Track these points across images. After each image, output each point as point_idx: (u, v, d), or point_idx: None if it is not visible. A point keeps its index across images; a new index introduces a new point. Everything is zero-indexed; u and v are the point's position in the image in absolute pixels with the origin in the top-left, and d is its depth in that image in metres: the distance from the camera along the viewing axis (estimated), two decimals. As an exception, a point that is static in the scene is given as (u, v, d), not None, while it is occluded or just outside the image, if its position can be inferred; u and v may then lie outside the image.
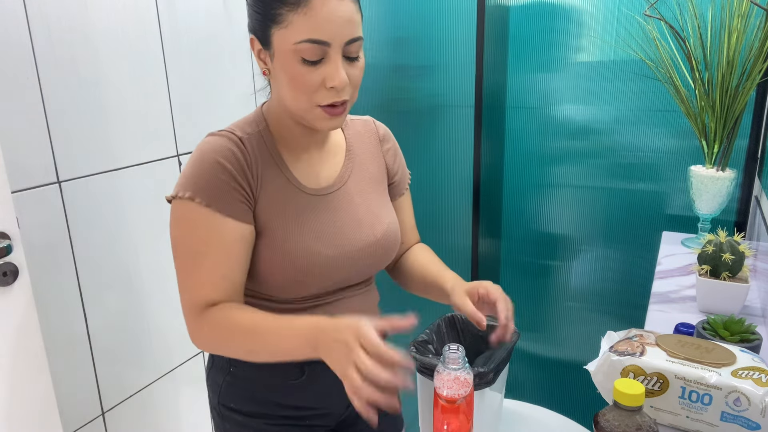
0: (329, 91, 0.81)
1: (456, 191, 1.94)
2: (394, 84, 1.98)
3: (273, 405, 0.95)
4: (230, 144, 0.85)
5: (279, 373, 0.93)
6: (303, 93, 0.82)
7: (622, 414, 0.66)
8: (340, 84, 0.80)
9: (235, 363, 0.95)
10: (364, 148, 1.01)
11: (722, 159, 1.37)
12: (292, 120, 0.89)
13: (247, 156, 0.86)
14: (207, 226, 0.83)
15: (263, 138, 0.89)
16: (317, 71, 0.80)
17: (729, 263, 1.04)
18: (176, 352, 1.75)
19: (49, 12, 1.31)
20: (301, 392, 0.95)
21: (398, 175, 1.05)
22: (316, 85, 0.81)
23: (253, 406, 0.96)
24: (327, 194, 0.92)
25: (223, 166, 0.83)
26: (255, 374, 0.94)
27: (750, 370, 0.75)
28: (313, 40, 0.78)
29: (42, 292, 1.33)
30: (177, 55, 1.65)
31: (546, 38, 1.72)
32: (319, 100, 0.82)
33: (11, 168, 1.23)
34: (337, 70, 0.80)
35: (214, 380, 0.99)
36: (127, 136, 1.53)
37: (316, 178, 0.92)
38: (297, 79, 0.81)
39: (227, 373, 0.96)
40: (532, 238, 1.90)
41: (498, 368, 1.02)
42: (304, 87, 0.81)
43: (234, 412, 0.96)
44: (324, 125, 0.85)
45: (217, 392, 0.98)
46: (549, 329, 1.93)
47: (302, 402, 0.96)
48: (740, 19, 1.28)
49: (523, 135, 1.83)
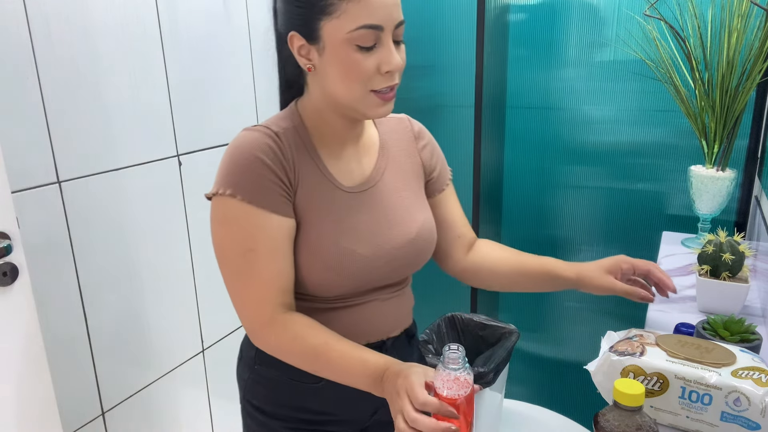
0: (384, 76, 0.81)
1: (456, 191, 1.94)
2: (394, 84, 1.98)
3: (292, 408, 0.95)
4: (267, 138, 0.84)
5: (299, 375, 0.91)
6: (358, 81, 0.81)
7: (622, 414, 0.66)
8: (397, 67, 0.80)
9: (260, 361, 0.94)
10: (399, 145, 0.99)
11: (722, 159, 1.37)
12: (336, 113, 0.88)
13: (284, 150, 0.85)
14: (252, 223, 0.82)
15: (299, 133, 0.88)
16: (372, 57, 0.80)
17: (729, 263, 1.04)
18: (176, 352, 1.75)
19: (49, 12, 1.31)
20: (320, 397, 0.94)
21: (436, 171, 1.03)
22: (372, 72, 0.80)
23: (274, 406, 0.95)
24: (361, 191, 0.91)
25: (262, 160, 0.82)
26: (277, 374, 0.93)
27: (750, 370, 0.75)
28: (368, 25, 0.78)
29: (42, 292, 1.33)
30: (177, 55, 1.65)
31: (546, 38, 1.72)
32: (374, 85, 0.81)
33: (11, 168, 1.23)
34: (392, 54, 0.80)
35: (241, 375, 0.99)
36: (127, 136, 1.53)
37: (350, 175, 0.91)
38: (352, 68, 0.80)
39: (252, 370, 0.96)
40: (532, 238, 1.90)
41: (498, 368, 1.03)
42: (360, 75, 0.80)
43: (256, 410, 0.97)
44: (377, 112, 0.84)
45: (243, 387, 0.99)
46: (549, 329, 1.93)
47: (321, 407, 0.95)
48: (740, 19, 1.28)
49: (523, 135, 1.83)
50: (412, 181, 0.98)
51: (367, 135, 0.96)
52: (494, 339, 1.27)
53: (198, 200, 1.76)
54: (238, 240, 0.83)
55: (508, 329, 1.40)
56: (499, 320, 1.43)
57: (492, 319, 1.42)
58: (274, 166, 0.83)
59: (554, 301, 1.90)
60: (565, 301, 1.89)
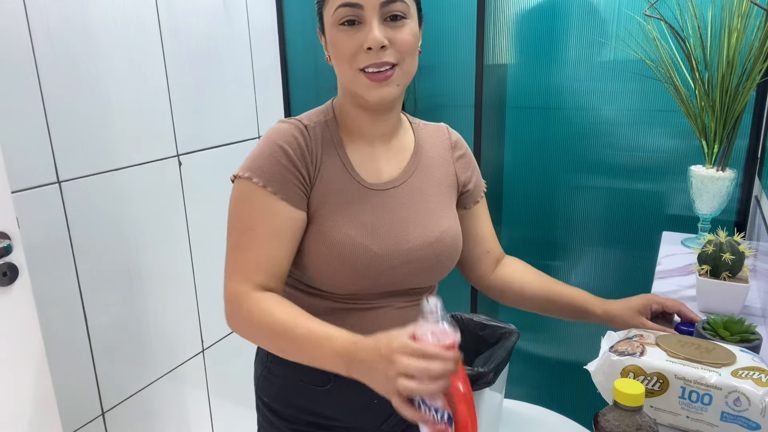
0: (368, 53, 0.82)
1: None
2: (394, 84, 1.98)
3: (300, 409, 0.95)
4: (295, 130, 0.87)
5: (308, 376, 0.92)
6: (345, 60, 0.83)
7: (622, 414, 0.66)
8: (373, 42, 0.80)
9: (272, 358, 0.95)
10: (434, 152, 0.98)
11: (722, 159, 1.37)
12: (354, 105, 0.89)
13: (309, 142, 0.87)
14: (261, 205, 0.84)
15: (329, 127, 0.90)
16: (356, 35, 0.82)
17: (729, 263, 1.04)
18: (176, 352, 1.75)
19: (49, 12, 1.31)
20: (327, 400, 0.93)
21: (471, 184, 1.02)
22: (355, 49, 0.82)
23: (283, 405, 0.96)
24: (384, 190, 0.91)
25: (285, 150, 0.85)
26: (287, 373, 0.94)
27: (750, 370, 0.75)
28: (345, 3, 0.81)
29: (42, 292, 1.33)
30: (177, 55, 1.65)
31: (546, 38, 1.72)
32: (359, 63, 0.82)
33: (11, 168, 1.23)
34: (371, 30, 0.81)
35: (255, 370, 1.00)
36: (127, 136, 1.53)
37: (377, 173, 0.91)
38: (338, 47, 0.83)
39: (264, 366, 0.97)
40: (532, 238, 1.90)
41: (498, 368, 1.03)
42: (344, 53, 0.83)
43: (266, 407, 0.98)
44: (371, 94, 0.84)
45: (256, 383, 1.00)
46: (549, 329, 1.93)
47: (328, 411, 0.94)
48: (740, 19, 1.28)
49: (523, 135, 1.83)
50: (442, 189, 0.97)
51: (402, 138, 0.96)
52: (494, 339, 1.27)
53: (198, 200, 1.76)
54: (243, 218, 0.85)
55: (508, 329, 1.40)
56: (499, 320, 1.43)
57: (492, 319, 1.42)
58: (295, 157, 0.85)
59: (554, 301, 1.90)
60: (565, 301, 1.89)
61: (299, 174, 0.85)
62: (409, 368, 0.66)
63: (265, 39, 2.02)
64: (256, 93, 1.97)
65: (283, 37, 2.07)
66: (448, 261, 0.94)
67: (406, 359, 0.67)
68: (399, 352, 0.68)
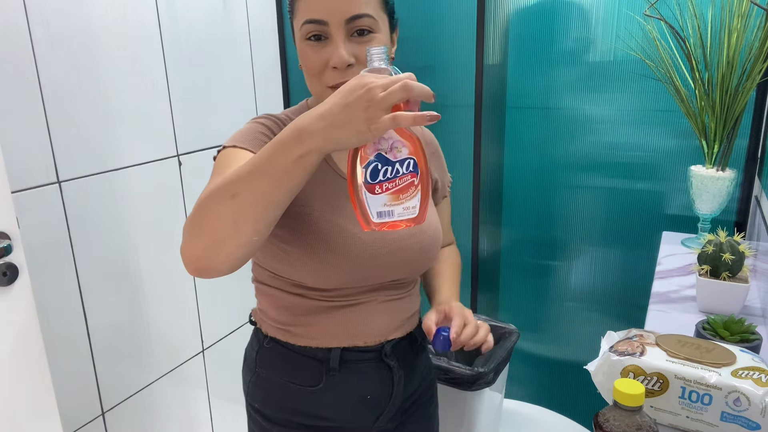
0: (334, 72, 0.81)
1: (456, 191, 1.94)
2: (394, 84, 1.98)
3: (292, 411, 0.94)
4: (272, 119, 0.88)
5: (298, 378, 0.92)
6: (313, 75, 0.83)
7: (622, 414, 0.66)
8: (339, 62, 0.79)
9: (261, 363, 0.95)
10: None
11: (722, 159, 1.37)
12: None
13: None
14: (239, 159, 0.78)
15: None
16: (322, 51, 0.81)
17: (729, 263, 1.04)
18: (176, 352, 1.75)
19: (49, 12, 1.31)
20: (320, 401, 0.93)
21: (440, 182, 1.05)
22: (322, 66, 0.81)
23: (274, 410, 0.95)
24: None
25: (265, 126, 0.86)
26: (276, 376, 0.94)
27: (750, 370, 0.75)
28: (310, 20, 0.80)
29: (42, 292, 1.33)
30: (177, 55, 1.65)
31: (546, 38, 1.72)
32: (327, 81, 0.82)
33: (11, 168, 1.23)
34: (337, 48, 0.80)
35: (244, 377, 1.00)
36: (127, 136, 1.53)
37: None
38: (306, 62, 0.83)
39: (253, 372, 0.97)
40: (532, 238, 1.90)
41: (498, 368, 1.03)
42: (312, 68, 0.82)
43: (258, 413, 0.97)
44: None
45: (245, 390, 0.99)
46: (549, 329, 1.93)
47: (321, 411, 0.94)
48: (740, 19, 1.28)
49: (523, 135, 1.83)
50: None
51: None
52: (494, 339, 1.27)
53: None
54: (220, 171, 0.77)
55: (508, 329, 1.40)
56: (499, 320, 1.43)
57: (492, 319, 1.42)
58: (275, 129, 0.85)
59: (554, 301, 1.90)
60: (565, 301, 1.89)
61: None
62: (382, 82, 0.63)
63: (265, 39, 2.02)
64: (256, 93, 1.97)
65: (283, 37, 2.07)
66: (430, 251, 0.95)
67: (373, 77, 0.63)
68: (364, 78, 0.64)
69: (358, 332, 0.91)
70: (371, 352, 0.92)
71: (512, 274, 1.96)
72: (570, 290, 1.88)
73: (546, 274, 1.90)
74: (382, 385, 0.95)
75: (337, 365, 0.90)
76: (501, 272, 1.98)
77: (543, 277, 1.91)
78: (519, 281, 1.95)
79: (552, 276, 1.89)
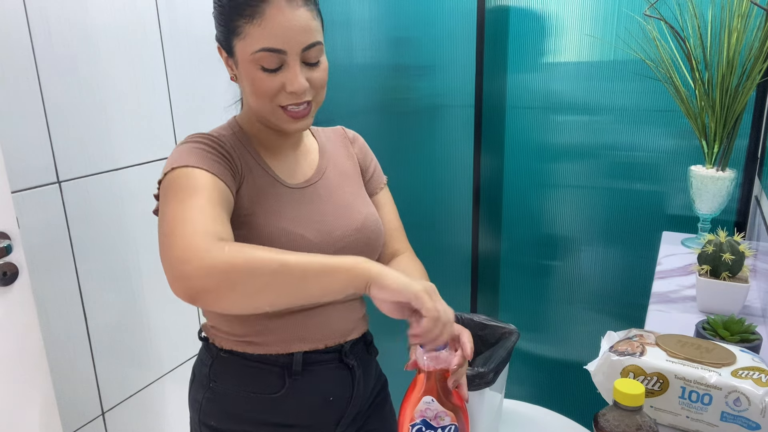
0: (290, 95, 0.85)
1: (456, 191, 1.94)
2: (394, 84, 1.98)
3: (253, 422, 0.92)
4: (209, 137, 0.88)
5: (259, 386, 0.91)
6: (265, 98, 0.85)
7: (622, 414, 0.66)
8: (299, 89, 0.84)
9: (215, 378, 0.93)
10: (337, 150, 1.05)
11: (722, 159, 1.37)
12: (261, 123, 0.93)
13: (226, 146, 0.88)
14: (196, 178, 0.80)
15: (238, 138, 0.92)
16: (277, 77, 0.84)
17: (729, 263, 1.04)
18: (176, 352, 1.75)
19: (49, 12, 1.31)
20: (282, 407, 0.92)
21: (371, 169, 1.08)
22: (276, 90, 0.84)
23: (234, 424, 0.93)
24: (305, 187, 0.95)
25: (208, 144, 0.86)
26: (235, 390, 0.92)
27: (750, 370, 0.75)
28: (268, 48, 0.81)
29: (42, 292, 1.33)
30: (177, 55, 1.65)
31: (546, 38, 1.72)
32: (281, 101, 0.85)
33: (11, 168, 1.23)
34: (295, 76, 0.83)
35: (194, 397, 0.96)
36: (127, 136, 1.53)
37: (294, 175, 0.95)
38: (258, 86, 0.84)
39: (207, 389, 0.94)
40: (532, 238, 1.90)
41: (498, 368, 1.03)
42: (265, 92, 0.85)
43: (214, 431, 0.94)
44: (289, 127, 0.88)
45: (197, 410, 0.95)
46: (549, 329, 1.93)
47: (283, 419, 0.93)
48: (740, 19, 1.28)
49: (523, 135, 1.83)
50: (353, 180, 1.03)
51: (306, 142, 1.01)
52: (494, 339, 1.27)
53: (198, 200, 1.76)
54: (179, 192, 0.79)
55: (508, 329, 1.40)
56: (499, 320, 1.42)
57: (492, 319, 1.42)
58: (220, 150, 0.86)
59: (554, 301, 1.90)
60: (565, 301, 1.89)
61: (228, 160, 0.86)
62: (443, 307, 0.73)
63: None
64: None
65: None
66: (376, 243, 0.98)
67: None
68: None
69: (319, 335, 0.93)
70: (332, 353, 0.94)
71: (512, 274, 1.96)
72: (570, 290, 1.88)
73: (546, 274, 1.90)
74: (343, 386, 0.96)
75: (300, 368, 0.91)
76: (501, 272, 1.98)
77: (543, 277, 1.91)
78: (519, 281, 1.95)
79: (552, 276, 1.89)
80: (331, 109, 1.33)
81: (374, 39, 1.96)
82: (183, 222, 0.74)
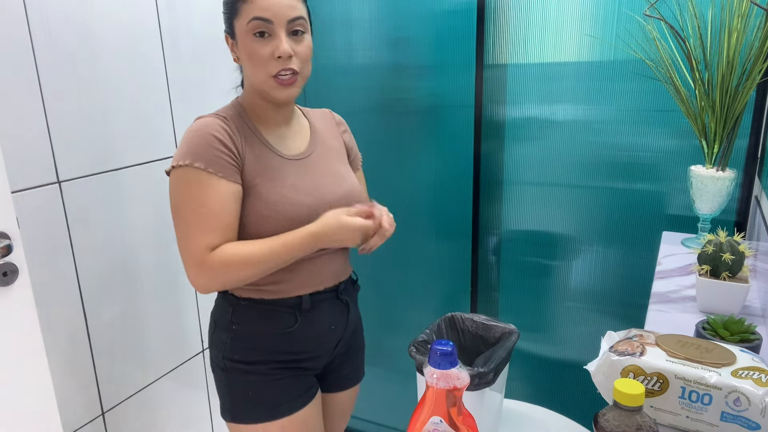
0: (278, 61, 1.03)
1: (456, 191, 1.94)
2: (394, 84, 1.98)
3: (271, 352, 1.13)
4: (219, 120, 1.06)
5: (276, 324, 1.12)
6: (259, 65, 1.04)
7: (622, 414, 0.66)
8: (284, 52, 1.02)
9: (237, 321, 1.13)
10: (326, 130, 1.25)
11: (722, 159, 1.37)
12: (260, 98, 1.10)
13: (233, 129, 1.06)
14: (206, 185, 1.01)
15: (242, 118, 1.11)
16: (267, 45, 1.03)
17: (729, 263, 1.04)
18: (176, 352, 1.75)
19: (49, 12, 1.31)
20: (295, 338, 1.14)
21: (353, 151, 1.31)
22: (268, 57, 1.03)
23: (255, 355, 1.13)
24: (300, 159, 1.14)
25: (216, 137, 1.03)
26: (254, 328, 1.12)
27: (750, 370, 0.75)
28: (257, 17, 1.02)
29: (42, 292, 1.33)
30: (177, 55, 1.65)
31: (546, 38, 1.72)
32: (271, 70, 1.03)
33: (11, 168, 1.23)
34: (281, 42, 1.02)
35: (219, 339, 1.15)
36: (127, 136, 1.53)
37: (290, 148, 1.15)
38: (253, 54, 1.03)
39: (230, 330, 1.13)
40: (532, 238, 1.90)
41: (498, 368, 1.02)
42: (258, 59, 1.03)
43: (238, 363, 1.13)
44: (279, 94, 1.06)
45: (221, 348, 1.14)
46: (549, 329, 1.93)
47: (296, 347, 1.15)
48: (740, 19, 1.28)
49: (523, 135, 1.83)
50: (339, 156, 1.24)
51: (299, 121, 1.20)
52: (494, 339, 1.27)
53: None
54: (194, 198, 1.02)
55: (508, 329, 1.40)
56: (499, 320, 1.42)
57: (492, 319, 1.42)
58: (225, 140, 1.04)
59: (554, 301, 1.90)
60: (565, 301, 1.89)
61: (231, 154, 1.04)
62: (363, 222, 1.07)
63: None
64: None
65: (283, 37, 2.07)
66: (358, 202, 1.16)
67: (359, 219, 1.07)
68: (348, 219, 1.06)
69: (320, 279, 1.15)
70: (330, 292, 1.18)
71: (512, 274, 1.96)
72: (570, 290, 1.88)
73: (546, 274, 1.90)
74: (340, 316, 1.21)
75: (309, 307, 1.13)
76: (501, 272, 1.98)
77: (543, 277, 1.91)
78: (519, 281, 1.95)
79: (552, 276, 1.89)
80: (331, 108, 1.33)
81: (374, 39, 1.96)
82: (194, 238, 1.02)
